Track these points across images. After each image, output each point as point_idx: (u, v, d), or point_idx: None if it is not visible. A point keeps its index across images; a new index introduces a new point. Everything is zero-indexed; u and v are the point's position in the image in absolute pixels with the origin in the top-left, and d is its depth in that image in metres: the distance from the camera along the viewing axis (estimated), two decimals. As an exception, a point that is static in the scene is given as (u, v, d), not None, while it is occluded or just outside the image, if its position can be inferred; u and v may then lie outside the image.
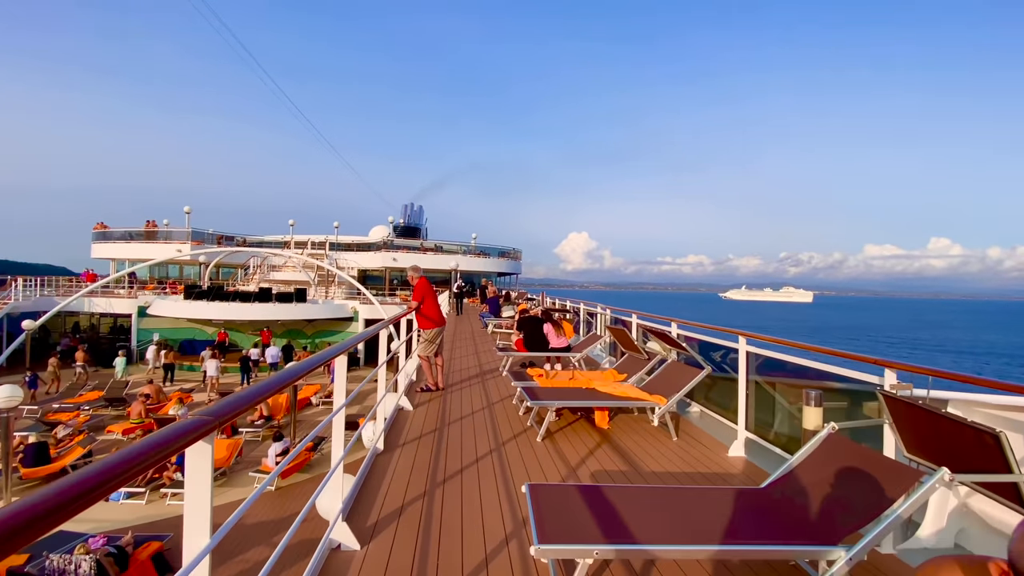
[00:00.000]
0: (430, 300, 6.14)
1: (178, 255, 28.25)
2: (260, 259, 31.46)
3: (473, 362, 8.50)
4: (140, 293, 26.96)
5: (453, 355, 9.28)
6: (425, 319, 6.14)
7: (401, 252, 33.10)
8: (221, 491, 10.50)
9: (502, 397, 5.96)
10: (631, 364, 5.66)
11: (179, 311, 23.25)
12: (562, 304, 14.31)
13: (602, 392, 4.70)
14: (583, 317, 11.22)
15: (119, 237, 32.50)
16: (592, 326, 10.72)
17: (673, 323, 5.66)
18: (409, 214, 40.72)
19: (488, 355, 9.29)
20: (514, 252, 39.35)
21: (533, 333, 7.47)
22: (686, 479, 3.71)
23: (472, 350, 9.99)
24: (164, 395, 16.07)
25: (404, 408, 5.35)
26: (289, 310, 23.67)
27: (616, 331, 6.06)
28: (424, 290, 6.10)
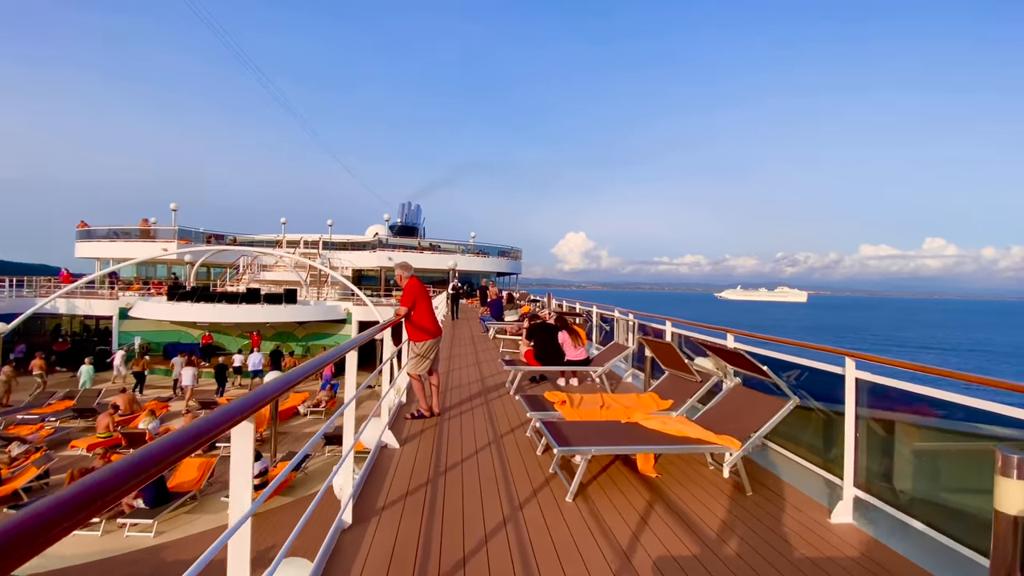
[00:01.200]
0: (423, 305, 4.97)
1: (163, 254, 26.97)
2: (250, 258, 30.22)
3: (474, 375, 7.33)
4: (122, 294, 25.69)
5: (451, 365, 8.10)
6: (417, 329, 4.97)
7: (397, 251, 31.90)
8: (188, 520, 9.31)
9: (512, 427, 4.78)
10: (676, 387, 4.50)
11: (161, 313, 22.01)
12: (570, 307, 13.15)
13: (651, 430, 3.53)
14: (596, 322, 10.06)
15: (103, 235, 31.24)
16: (611, 333, 9.57)
17: (729, 334, 4.50)
18: (406, 213, 39.55)
19: (491, 366, 8.12)
20: (514, 251, 38.20)
21: (546, 343, 6.31)
22: (781, 561, 2.56)
23: (472, 359, 8.81)
24: (138, 405, 14.84)
25: (388, 445, 4.17)
26: (278, 312, 22.44)
27: (656, 345, 4.86)
28: (415, 292, 4.93)
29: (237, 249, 28.30)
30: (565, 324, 6.57)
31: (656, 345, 4.77)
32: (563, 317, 6.73)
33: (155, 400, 15.80)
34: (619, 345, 6.71)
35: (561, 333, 6.43)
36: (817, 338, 19.34)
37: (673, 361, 4.51)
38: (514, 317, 12.90)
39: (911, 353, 50.65)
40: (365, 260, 31.71)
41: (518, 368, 6.19)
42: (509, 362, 6.41)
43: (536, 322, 6.60)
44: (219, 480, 10.83)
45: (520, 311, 13.50)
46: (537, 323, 6.53)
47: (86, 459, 11.91)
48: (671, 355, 4.48)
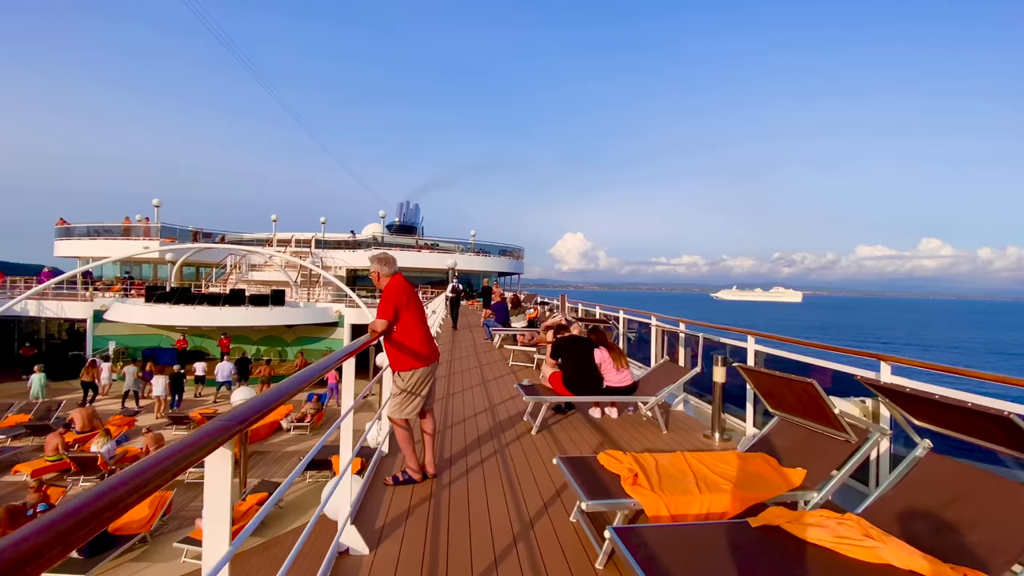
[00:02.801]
0: (410, 316, 3.35)
1: (144, 252, 25.32)
2: (238, 257, 28.59)
3: (480, 401, 5.74)
4: (100, 295, 24.03)
5: (449, 386, 6.49)
6: (401, 352, 3.34)
7: (394, 250, 30.30)
8: (135, 570, 7.69)
9: (545, 499, 3.18)
10: (801, 446, 2.89)
11: (135, 316, 20.36)
12: (582, 310, 11.54)
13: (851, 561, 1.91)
14: (622, 331, 8.45)
15: (83, 233, 29.64)
16: (639, 344, 7.98)
17: (885, 362, 2.90)
18: (405, 212, 37.99)
19: (501, 386, 6.53)
20: (516, 251, 36.62)
21: (579, 364, 4.72)
22: None
23: (476, 377, 7.21)
24: (99, 421, 13.20)
25: (351, 551, 2.56)
26: (263, 315, 20.82)
27: (765, 379, 3.16)
28: (398, 297, 3.30)
29: (222, 247, 26.67)
30: (603, 339, 4.98)
31: (766, 379, 3.15)
32: (600, 329, 5.13)
33: (119, 415, 14.16)
34: (675, 367, 5.10)
35: (598, 351, 4.85)
36: (808, 335, 17.93)
37: (797, 404, 2.90)
38: (522, 323, 11.32)
39: (896, 350, 49.77)
40: (359, 259, 30.10)
41: (541, 398, 4.59)
42: (529, 389, 4.81)
43: (564, 336, 5.01)
44: (178, 515, 9.23)
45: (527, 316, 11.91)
46: (565, 337, 4.93)
47: (29, 487, 10.28)
48: (796, 395, 2.87)
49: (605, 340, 4.95)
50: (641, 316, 7.70)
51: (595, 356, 4.79)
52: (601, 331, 5.06)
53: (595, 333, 5.03)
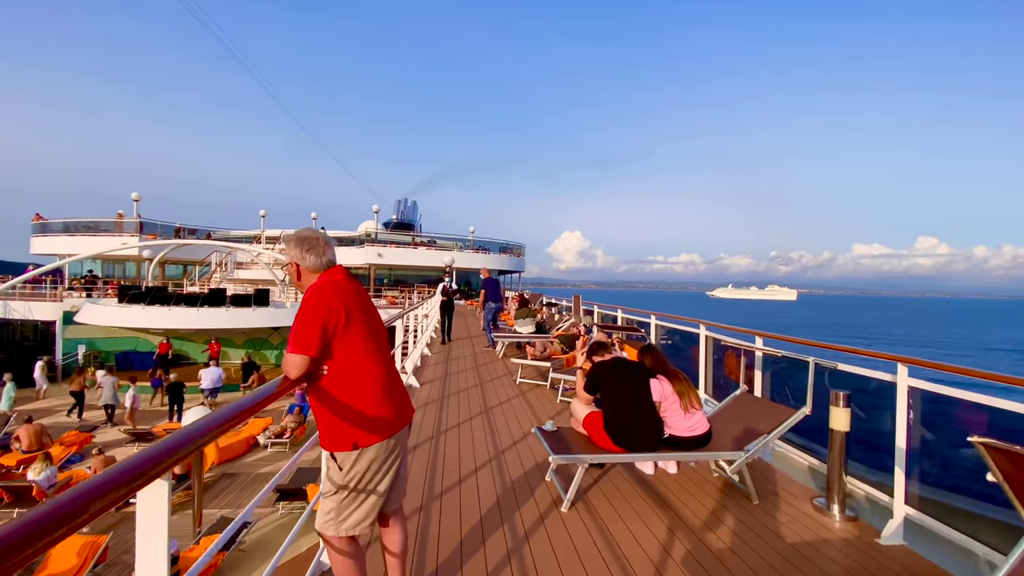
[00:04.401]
0: (353, 348, 1.78)
1: (120, 249, 23.73)
2: (222, 255, 27.01)
3: (483, 448, 4.20)
4: (72, 294, 22.47)
5: (442, 420, 4.95)
6: (337, 415, 1.77)
7: (389, 247, 28.76)
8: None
9: None
10: None
11: (106, 317, 18.77)
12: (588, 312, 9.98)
13: None
14: (655, 340, 6.91)
15: (60, 229, 28.06)
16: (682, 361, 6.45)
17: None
18: (402, 210, 36.42)
19: (511, 422, 4.98)
20: (516, 248, 35.05)
21: (631, 402, 3.18)
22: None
23: (478, 404, 5.66)
24: (49, 439, 11.64)
25: None
26: (246, 316, 19.26)
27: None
28: (328, 313, 1.73)
29: (204, 243, 25.07)
30: (662, 363, 3.43)
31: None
32: (654, 348, 3.56)
33: (74, 431, 12.60)
34: (763, 404, 3.53)
35: (657, 382, 3.31)
36: (801, 333, 16.65)
37: None
38: (529, 327, 9.78)
39: (881, 347, 50.25)
40: (353, 257, 28.51)
41: (576, 457, 3.06)
42: (555, 440, 3.27)
43: (604, 359, 3.47)
44: (119, 561, 7.70)
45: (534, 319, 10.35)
46: (607, 362, 3.38)
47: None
48: None
49: (665, 366, 3.42)
50: (683, 323, 6.16)
51: (653, 391, 3.25)
52: (656, 351, 3.51)
53: (649, 354, 3.49)
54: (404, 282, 30.67)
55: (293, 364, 1.69)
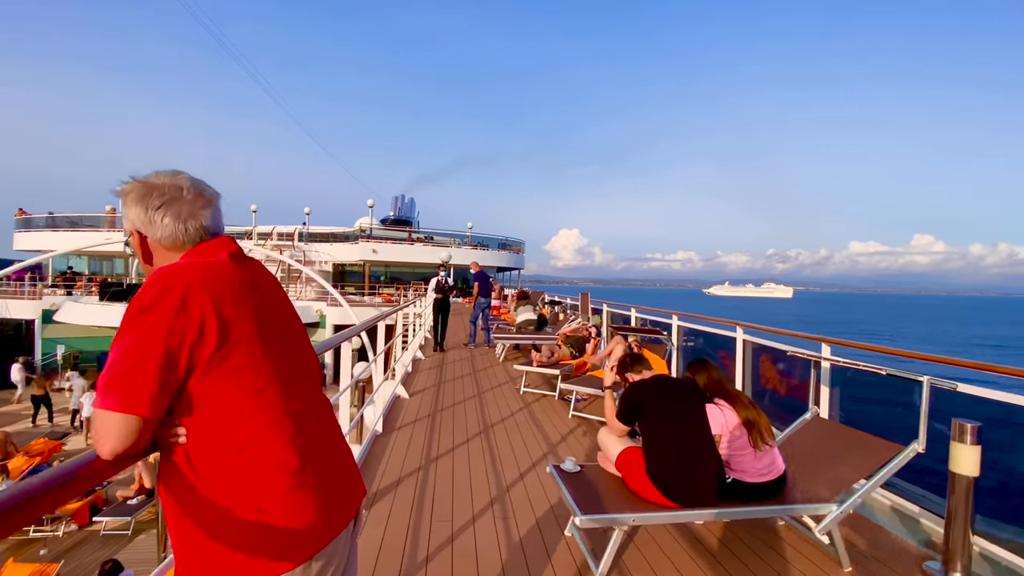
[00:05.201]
0: (238, 394, 0.93)
1: (104, 244, 22.82)
2: (211, 251, 26.07)
3: (483, 486, 3.38)
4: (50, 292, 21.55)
5: (430, 444, 4.11)
6: (196, 523, 0.92)
7: (384, 244, 27.86)
8: None
9: None
10: None
11: (85, 316, 17.90)
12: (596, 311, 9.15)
13: None
14: (677, 343, 6.06)
15: (43, 224, 27.11)
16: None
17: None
18: (399, 206, 35.54)
19: (517, 449, 4.13)
20: (516, 244, 34.20)
21: (684, 437, 2.34)
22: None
23: (476, 423, 4.83)
24: (13, 447, 10.78)
25: None
26: (233, 315, 18.35)
27: None
28: (170, 329, 0.88)
29: (192, 239, 24.07)
30: (717, 382, 2.58)
31: None
32: (710, 367, 2.64)
33: (43, 439, 11.73)
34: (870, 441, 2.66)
35: (716, 408, 2.47)
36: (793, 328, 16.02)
37: None
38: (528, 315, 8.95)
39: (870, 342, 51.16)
40: (347, 253, 27.64)
41: (614, 518, 2.22)
42: (580, 490, 2.44)
43: (641, 376, 2.62)
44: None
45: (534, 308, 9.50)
46: (648, 381, 2.52)
47: None
48: None
49: (723, 386, 2.57)
50: (712, 325, 5.33)
51: (711, 421, 2.41)
52: (711, 365, 2.65)
53: (702, 370, 2.62)
54: (400, 279, 29.82)
55: (108, 432, 0.85)
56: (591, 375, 5.42)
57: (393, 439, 4.14)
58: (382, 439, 4.15)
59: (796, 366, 3.99)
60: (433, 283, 8.88)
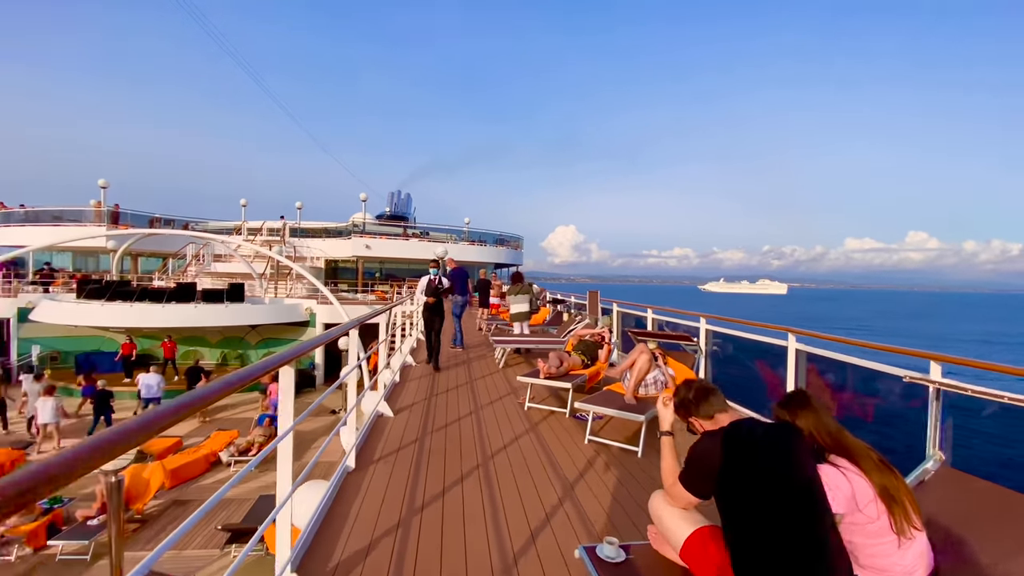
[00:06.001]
0: None
1: (82, 239, 21.82)
2: (198, 247, 25.14)
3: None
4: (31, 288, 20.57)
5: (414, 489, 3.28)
6: None
7: (379, 239, 26.94)
8: None
9: None
10: None
11: (61, 315, 16.96)
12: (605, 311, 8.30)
13: None
14: (705, 348, 5.23)
15: (22, 219, 26.06)
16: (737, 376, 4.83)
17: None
18: (396, 202, 34.62)
19: (530, 503, 3.31)
20: (514, 240, 33.31)
21: (796, 523, 1.51)
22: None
23: (482, 504, 4.00)
24: (-30, 458, 9.90)
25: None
26: (218, 313, 17.46)
27: None
28: None
29: (174, 233, 23.16)
30: (830, 434, 1.74)
31: None
32: (815, 405, 1.83)
33: (6, 449, 10.84)
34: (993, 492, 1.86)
35: (836, 472, 1.63)
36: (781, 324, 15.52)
37: None
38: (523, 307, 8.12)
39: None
40: (339, 249, 26.72)
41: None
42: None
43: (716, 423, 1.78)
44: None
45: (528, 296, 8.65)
46: (727, 432, 1.68)
47: None
48: None
49: (841, 437, 1.74)
50: (755, 331, 4.49)
51: (830, 493, 1.58)
52: (812, 402, 1.81)
53: (804, 409, 1.78)
54: (395, 276, 28.94)
55: None
56: (609, 390, 4.59)
57: (368, 478, 3.30)
58: (354, 477, 3.30)
59: (887, 391, 3.15)
60: (423, 283, 7.10)
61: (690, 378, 1.89)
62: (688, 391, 1.88)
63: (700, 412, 1.84)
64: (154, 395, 13.12)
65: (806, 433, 1.74)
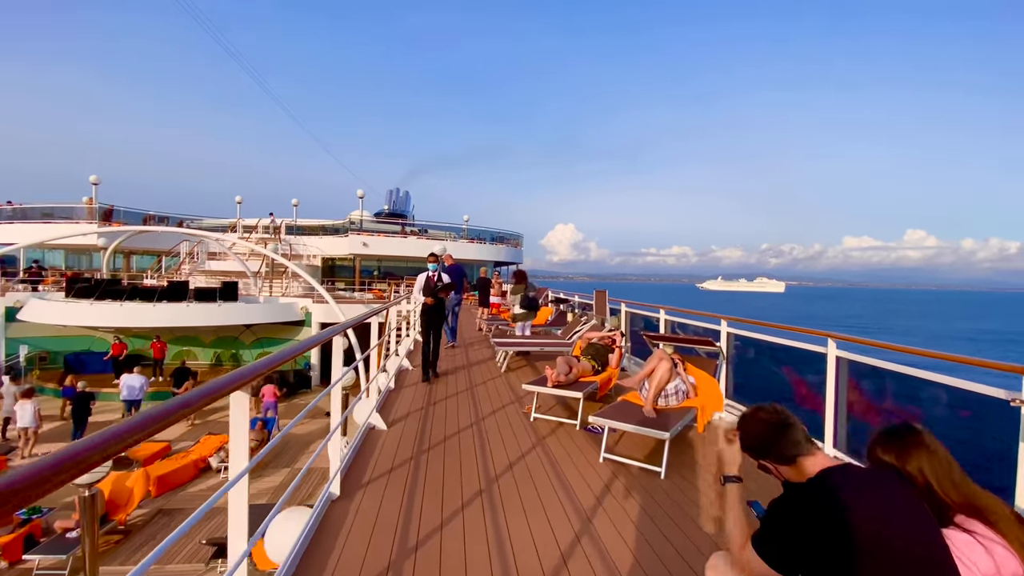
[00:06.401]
0: None
1: (71, 236, 21.33)
2: (192, 244, 24.66)
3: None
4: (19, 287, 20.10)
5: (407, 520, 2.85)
6: None
7: (377, 237, 26.49)
8: None
9: None
10: None
11: (50, 314, 16.50)
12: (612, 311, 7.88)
13: None
14: (727, 352, 4.81)
15: (11, 216, 25.55)
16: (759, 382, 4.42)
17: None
18: (394, 200, 34.18)
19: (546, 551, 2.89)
20: (514, 238, 32.88)
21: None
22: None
23: (485, 542, 3.59)
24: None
25: None
26: (210, 312, 17.01)
27: None
28: None
29: (166, 231, 22.65)
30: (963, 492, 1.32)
31: None
32: (940, 456, 1.40)
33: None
34: None
35: (968, 539, 1.21)
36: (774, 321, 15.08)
37: None
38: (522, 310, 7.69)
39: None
40: (336, 247, 26.28)
41: None
42: None
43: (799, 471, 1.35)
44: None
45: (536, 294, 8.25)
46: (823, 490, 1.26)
47: None
48: None
49: (969, 492, 1.32)
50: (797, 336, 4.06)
51: (958, 566, 1.17)
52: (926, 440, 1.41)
53: (911, 450, 1.37)
54: (393, 274, 28.50)
55: None
56: (624, 400, 4.16)
57: (355, 508, 2.87)
58: (340, 507, 2.87)
59: (958, 413, 2.73)
60: (421, 281, 6.26)
61: (762, 408, 1.45)
62: (759, 425, 1.45)
63: (777, 454, 1.42)
64: (136, 397, 12.66)
65: (920, 483, 1.32)
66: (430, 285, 5.99)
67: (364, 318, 4.30)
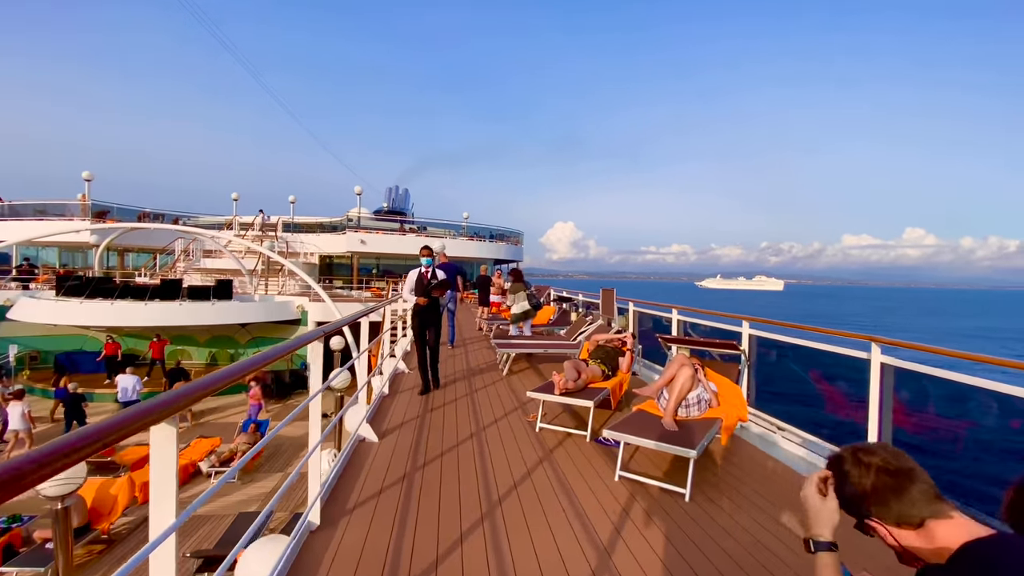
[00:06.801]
0: None
1: (61, 233, 20.94)
2: (187, 242, 24.25)
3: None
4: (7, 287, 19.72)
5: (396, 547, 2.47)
6: None
7: (374, 234, 26.08)
8: None
9: None
10: None
11: (39, 313, 16.11)
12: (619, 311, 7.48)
13: None
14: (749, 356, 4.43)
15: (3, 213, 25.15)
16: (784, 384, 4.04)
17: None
18: (394, 198, 33.77)
19: None
20: (514, 236, 32.47)
21: None
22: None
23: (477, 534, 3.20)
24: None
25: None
26: (203, 311, 16.62)
27: None
28: None
29: (159, 227, 22.23)
30: None
31: None
32: None
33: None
34: None
35: None
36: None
37: None
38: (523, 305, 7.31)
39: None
40: (334, 244, 25.88)
41: None
42: None
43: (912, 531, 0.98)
44: None
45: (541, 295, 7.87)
46: (983, 558, 0.89)
47: None
48: None
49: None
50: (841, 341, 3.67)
51: None
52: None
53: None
54: (392, 272, 28.09)
55: None
56: (640, 410, 3.78)
57: (338, 540, 2.48)
58: (319, 539, 2.49)
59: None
60: (411, 279, 5.64)
61: (867, 449, 1.04)
62: (867, 472, 1.05)
63: (894, 514, 1.02)
64: (129, 398, 12.28)
65: None
66: (423, 283, 5.50)
67: (355, 318, 3.92)
